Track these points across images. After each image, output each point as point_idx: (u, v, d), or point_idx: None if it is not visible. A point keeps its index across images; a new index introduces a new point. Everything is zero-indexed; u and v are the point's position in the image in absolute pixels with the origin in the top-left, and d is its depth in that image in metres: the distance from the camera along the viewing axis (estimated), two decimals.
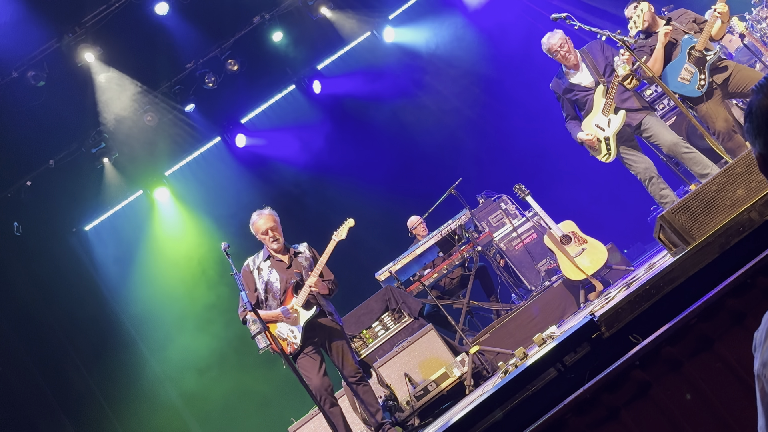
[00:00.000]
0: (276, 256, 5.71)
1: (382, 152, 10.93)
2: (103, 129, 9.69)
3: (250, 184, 10.91)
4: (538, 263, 8.03)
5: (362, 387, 5.54)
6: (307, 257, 5.76)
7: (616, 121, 6.00)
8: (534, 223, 8.20)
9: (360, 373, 5.56)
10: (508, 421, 3.82)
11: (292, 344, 5.42)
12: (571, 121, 6.40)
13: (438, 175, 9.99)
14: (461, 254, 7.64)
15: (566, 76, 6.29)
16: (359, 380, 5.54)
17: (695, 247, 3.72)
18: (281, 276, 5.60)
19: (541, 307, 6.92)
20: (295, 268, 5.64)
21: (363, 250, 10.26)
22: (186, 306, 10.12)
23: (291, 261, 5.70)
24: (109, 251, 10.44)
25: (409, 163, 10.78)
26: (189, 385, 9.99)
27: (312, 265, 5.69)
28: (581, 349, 3.93)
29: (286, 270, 5.64)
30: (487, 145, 10.29)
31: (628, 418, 2.92)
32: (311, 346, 5.50)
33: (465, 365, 6.42)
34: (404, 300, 7.34)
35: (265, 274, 5.63)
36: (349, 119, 11.18)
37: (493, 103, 10.49)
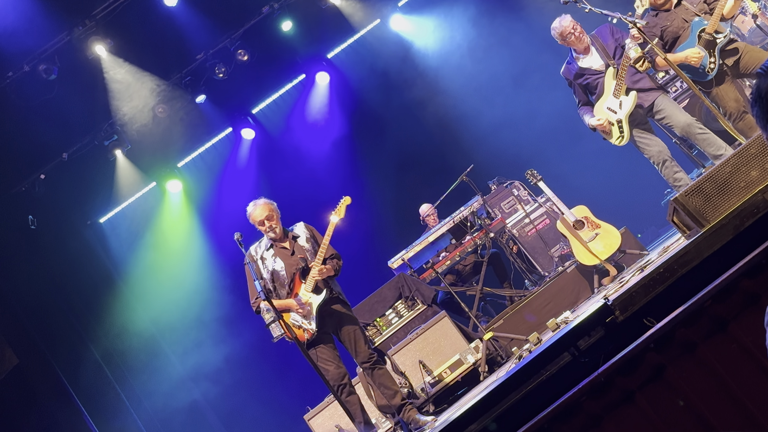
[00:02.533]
0: (278, 244, 5.70)
1: (393, 140, 10.91)
2: (115, 121, 9.74)
3: (262, 174, 10.93)
4: (551, 249, 8.00)
5: (378, 371, 5.55)
6: (307, 237, 5.74)
7: (628, 102, 5.95)
8: (547, 209, 8.17)
9: (374, 356, 5.56)
10: (523, 406, 3.82)
11: (308, 330, 5.43)
12: (583, 106, 6.36)
13: (449, 162, 9.97)
14: (474, 241, 7.62)
15: (576, 60, 6.24)
16: (374, 364, 5.54)
17: (709, 230, 3.70)
18: (286, 264, 5.59)
19: (554, 294, 6.90)
20: (299, 254, 5.62)
21: (375, 238, 10.28)
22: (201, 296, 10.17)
23: (293, 246, 5.68)
24: (124, 243, 10.50)
25: (421, 151, 10.76)
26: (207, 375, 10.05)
27: (314, 245, 5.68)
28: (595, 334, 3.93)
29: (290, 257, 5.62)
30: (498, 131, 10.23)
31: (643, 400, 2.91)
32: (326, 334, 5.51)
33: (479, 352, 6.42)
34: (417, 287, 7.34)
35: (270, 263, 5.63)
36: (359, 107, 11.15)
37: (504, 89, 10.43)
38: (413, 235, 8.35)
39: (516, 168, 8.67)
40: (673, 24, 5.84)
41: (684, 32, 5.80)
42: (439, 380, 6.40)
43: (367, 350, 5.56)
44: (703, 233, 3.71)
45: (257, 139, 11.01)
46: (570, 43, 6.20)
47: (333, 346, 5.55)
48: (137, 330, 10.06)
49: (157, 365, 9.99)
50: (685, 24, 5.79)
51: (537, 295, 6.97)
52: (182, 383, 10.00)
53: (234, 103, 10.78)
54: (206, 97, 10.35)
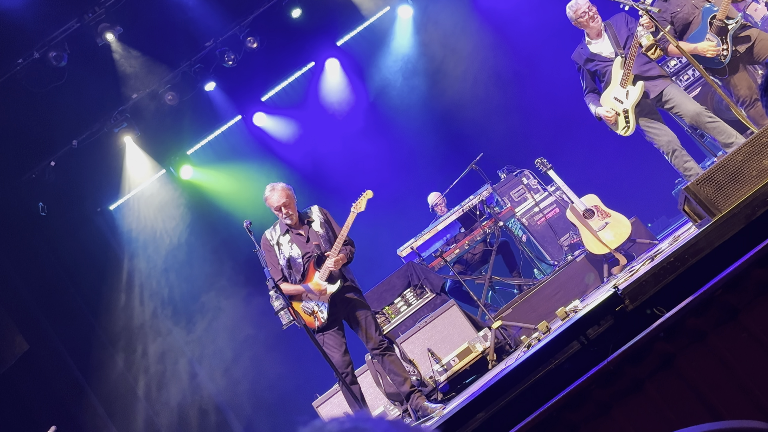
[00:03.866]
0: (293, 230, 5.69)
1: (402, 127, 10.89)
2: (125, 109, 9.76)
3: (271, 162, 10.93)
4: (560, 238, 8.00)
5: (388, 357, 5.57)
6: (322, 222, 5.73)
7: (634, 92, 5.92)
8: (556, 198, 8.16)
9: (384, 342, 5.58)
10: (532, 394, 3.83)
11: (320, 319, 5.46)
12: (590, 93, 6.32)
13: (459, 150, 9.95)
14: (483, 229, 7.62)
15: (588, 45, 6.19)
16: (385, 350, 5.56)
17: (721, 219, 3.68)
18: (302, 251, 5.60)
19: (564, 282, 6.90)
20: (314, 240, 5.62)
21: (384, 226, 10.27)
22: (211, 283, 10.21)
23: (308, 233, 5.67)
24: (134, 229, 10.54)
25: (430, 139, 10.73)
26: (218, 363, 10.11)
27: (328, 231, 5.67)
28: (605, 322, 3.93)
29: (305, 244, 5.62)
30: (508, 120, 10.20)
31: (652, 389, 2.91)
32: (336, 322, 5.53)
33: (488, 340, 6.43)
34: (426, 276, 7.35)
35: (286, 250, 5.63)
36: (368, 95, 11.13)
37: (513, 76, 10.39)
38: (422, 224, 8.36)
39: (526, 156, 8.65)
40: (683, 10, 5.78)
41: (695, 18, 5.75)
42: (448, 368, 6.41)
43: (378, 336, 5.57)
44: (714, 222, 3.69)
45: (266, 126, 11.01)
46: (583, 24, 6.13)
47: (342, 333, 5.57)
48: (147, 318, 10.10)
49: (169, 354, 10.04)
50: (696, 10, 5.74)
51: (546, 284, 6.97)
52: (193, 371, 10.06)
53: (243, 91, 10.77)
54: (216, 85, 10.35)
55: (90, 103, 9.39)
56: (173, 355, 10.05)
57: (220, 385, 10.14)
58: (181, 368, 9.98)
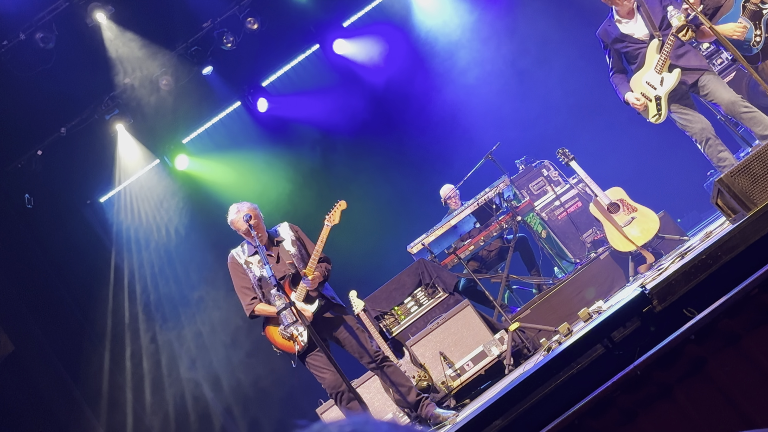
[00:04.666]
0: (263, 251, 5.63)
1: (413, 116, 10.88)
2: (117, 94, 9.78)
3: (272, 151, 10.94)
4: (583, 234, 7.99)
5: (387, 369, 5.55)
6: (293, 240, 5.67)
7: (670, 80, 5.88)
8: (579, 190, 8.15)
9: (379, 354, 5.56)
10: (552, 400, 3.83)
11: (299, 343, 5.43)
12: (618, 74, 6.27)
13: (474, 139, 9.93)
14: (499, 225, 7.62)
15: (617, 24, 6.12)
16: (382, 362, 5.54)
17: (756, 213, 3.67)
18: (274, 269, 5.50)
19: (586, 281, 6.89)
20: (285, 259, 5.58)
21: (394, 221, 10.28)
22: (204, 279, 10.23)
23: (278, 253, 5.63)
24: (125, 223, 10.57)
25: (443, 127, 10.72)
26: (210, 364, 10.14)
27: (301, 249, 5.62)
28: (631, 324, 3.93)
29: (276, 264, 5.58)
30: (526, 107, 10.17)
31: (682, 395, 2.91)
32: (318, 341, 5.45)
33: (504, 343, 6.44)
34: (438, 274, 7.35)
35: (257, 270, 5.57)
36: (377, 81, 11.12)
37: (532, 61, 10.35)
38: (434, 219, 8.35)
39: (546, 146, 8.63)
40: None
41: (726, 2, 5.72)
42: (461, 373, 6.42)
43: (371, 348, 5.55)
44: (750, 217, 3.68)
45: (267, 114, 11.01)
46: (613, 1, 6.08)
47: (328, 352, 5.49)
48: (140, 317, 10.14)
49: (162, 354, 10.08)
50: None
51: (567, 284, 6.97)
52: (189, 375, 10.09)
53: (243, 76, 10.78)
54: (213, 69, 10.35)
55: (79, 88, 9.41)
56: (166, 355, 10.09)
57: (216, 387, 10.18)
58: (174, 369, 10.02)
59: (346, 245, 8.72)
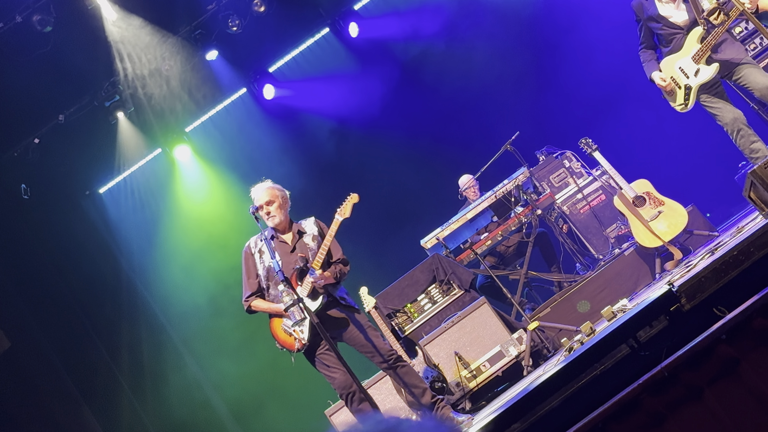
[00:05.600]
0: (279, 237, 5.67)
1: (428, 103, 10.85)
2: (117, 80, 9.79)
3: (279, 140, 10.94)
4: (606, 228, 7.96)
5: (401, 369, 5.54)
6: (314, 235, 5.70)
7: (706, 73, 5.80)
8: (602, 183, 8.12)
9: (393, 354, 5.55)
10: (574, 403, 3.83)
11: (300, 341, 5.43)
12: (647, 50, 6.21)
13: (492, 128, 9.89)
14: (518, 218, 7.61)
15: (656, 2, 6.03)
16: (395, 362, 5.53)
17: None
18: (283, 261, 5.53)
19: (610, 278, 6.87)
20: (300, 251, 5.59)
21: (407, 214, 10.27)
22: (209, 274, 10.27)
23: (295, 242, 5.66)
24: (126, 215, 10.61)
25: (459, 116, 10.68)
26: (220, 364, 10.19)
27: (320, 243, 5.61)
28: (658, 324, 3.93)
29: (288, 254, 5.59)
30: (548, 94, 10.12)
31: (712, 397, 2.90)
32: (323, 341, 5.47)
33: (523, 343, 6.44)
34: (454, 270, 7.36)
35: (267, 258, 5.59)
36: (391, 67, 11.09)
37: (554, 45, 10.29)
38: (450, 211, 8.35)
39: (568, 136, 8.59)
40: None
41: None
42: (477, 374, 6.43)
43: (384, 348, 5.55)
44: None
45: (274, 100, 11.01)
46: None
47: (336, 351, 5.48)
48: (141, 314, 10.19)
49: (165, 354, 10.12)
50: None
51: (590, 281, 6.96)
52: (192, 374, 10.14)
53: (249, 61, 10.78)
54: (218, 54, 10.36)
55: (78, 74, 9.43)
56: (170, 355, 10.13)
57: (222, 388, 10.22)
58: (178, 369, 10.06)
59: (357, 239, 8.70)
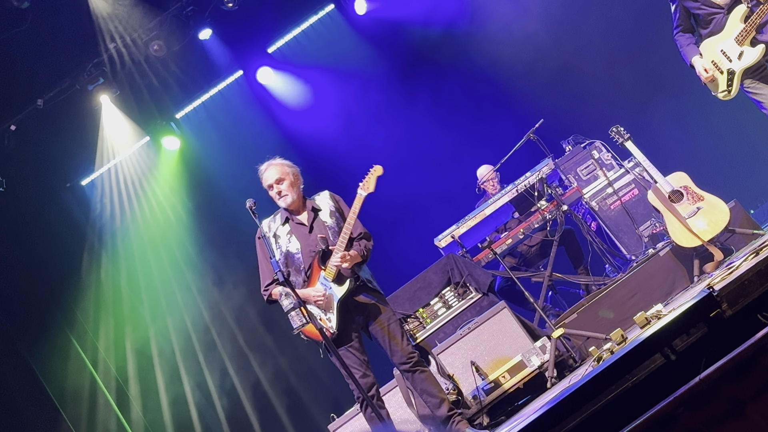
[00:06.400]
0: (294, 218, 5.70)
1: (443, 89, 10.84)
2: (102, 61, 9.81)
3: (278, 128, 10.97)
4: (639, 226, 7.94)
5: (419, 374, 5.55)
6: (332, 211, 5.73)
7: (751, 55, 5.78)
8: (635, 176, 8.09)
9: (414, 355, 5.56)
10: (603, 419, 3.82)
11: (327, 330, 5.45)
12: (684, 34, 6.19)
13: (514, 115, 9.89)
14: (542, 215, 7.59)
15: None
16: (414, 366, 5.54)
17: None
18: (303, 244, 5.58)
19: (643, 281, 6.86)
20: (318, 231, 5.61)
21: (419, 209, 10.28)
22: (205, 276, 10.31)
23: (312, 221, 5.68)
24: (110, 209, 10.63)
25: (478, 102, 10.68)
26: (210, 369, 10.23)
27: (338, 221, 5.66)
28: (696, 331, 3.92)
29: (307, 236, 5.62)
30: (574, 78, 10.10)
31: (756, 413, 2.89)
32: (350, 335, 5.49)
33: (546, 352, 6.43)
34: (471, 271, 7.35)
35: (284, 243, 5.62)
36: (402, 48, 11.08)
37: (580, 25, 10.27)
38: (466, 206, 8.35)
39: (597, 124, 8.57)
40: None
41: None
42: (496, 386, 6.42)
43: (406, 348, 5.56)
44: None
45: (273, 85, 11.02)
46: None
47: (361, 348, 5.53)
48: (124, 314, 10.23)
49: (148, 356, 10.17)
50: None
51: (621, 284, 6.94)
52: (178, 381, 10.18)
53: (246, 40, 10.79)
54: (212, 33, 10.38)
55: (59, 54, 9.46)
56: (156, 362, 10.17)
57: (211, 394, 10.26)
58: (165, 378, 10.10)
59: None
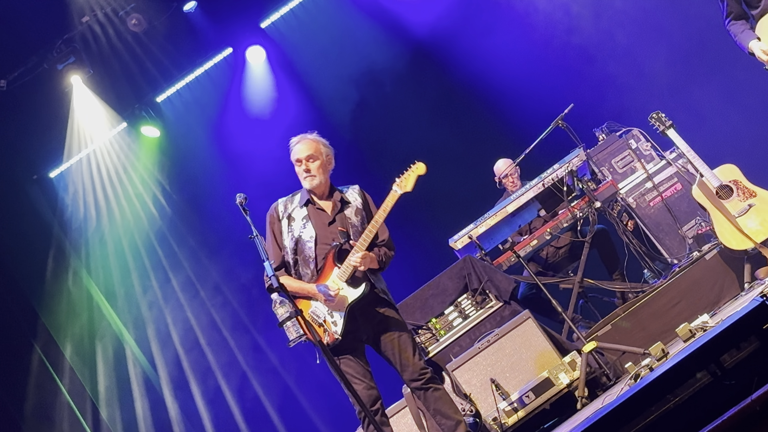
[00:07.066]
0: (316, 203, 5.69)
1: (461, 71, 10.82)
2: (73, 37, 9.82)
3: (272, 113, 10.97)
4: (683, 226, 7.92)
5: (432, 393, 5.55)
6: (358, 208, 5.73)
7: None
8: (678, 169, 8.07)
9: (427, 373, 5.56)
10: None
11: (331, 334, 5.44)
12: (736, 22, 6.21)
13: (539, 100, 9.88)
14: (572, 213, 7.58)
15: None
16: (427, 383, 5.53)
17: None
18: (319, 234, 5.57)
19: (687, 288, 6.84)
20: (340, 225, 5.61)
21: (432, 206, 10.27)
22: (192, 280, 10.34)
23: (335, 213, 5.68)
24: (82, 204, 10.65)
25: (499, 84, 10.66)
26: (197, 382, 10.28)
27: (364, 220, 5.65)
28: (747, 346, 3.92)
29: (327, 226, 5.61)
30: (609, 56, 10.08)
31: None
32: (354, 343, 5.49)
33: (576, 369, 6.42)
34: (490, 277, 7.35)
35: (297, 228, 5.61)
36: (415, 21, 11.07)
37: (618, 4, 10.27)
38: (485, 204, 8.34)
39: (635, 109, 8.57)
40: None
41: None
42: (520, 407, 6.42)
43: (418, 363, 5.56)
44: None
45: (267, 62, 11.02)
46: None
47: (364, 359, 5.54)
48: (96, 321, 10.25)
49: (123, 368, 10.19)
50: None
51: (661, 291, 6.94)
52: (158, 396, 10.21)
53: (236, 14, 10.79)
54: (197, 4, 10.39)
55: (24, 29, 9.47)
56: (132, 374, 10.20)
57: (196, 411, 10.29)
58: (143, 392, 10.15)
59: None
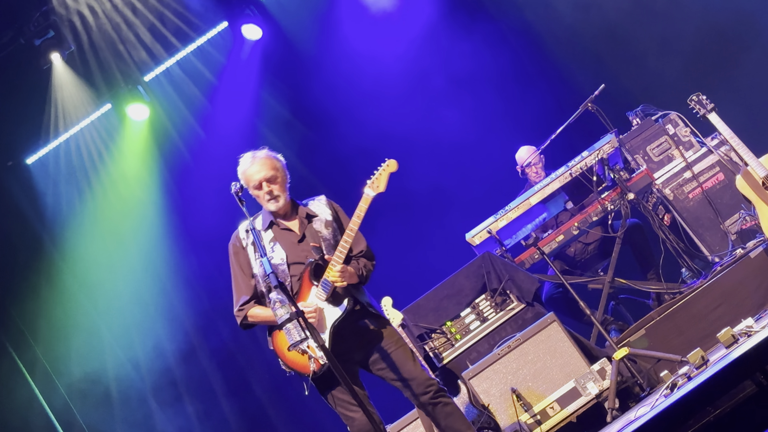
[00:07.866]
0: (281, 223, 5.66)
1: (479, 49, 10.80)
2: (51, 9, 9.82)
3: (270, 94, 10.98)
4: (725, 220, 7.91)
5: (443, 408, 5.51)
6: (328, 220, 5.69)
7: None
8: (720, 157, 8.05)
9: (433, 385, 5.51)
10: None
11: (316, 361, 5.43)
12: None
13: (566, 81, 9.86)
14: (602, 205, 7.57)
15: None
16: (435, 397, 5.49)
17: None
18: (289, 254, 5.54)
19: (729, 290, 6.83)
20: (311, 240, 5.57)
21: (447, 197, 10.27)
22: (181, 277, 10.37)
23: (303, 229, 5.65)
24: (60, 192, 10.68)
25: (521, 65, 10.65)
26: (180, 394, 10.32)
27: (335, 233, 5.64)
28: None
29: (295, 246, 5.58)
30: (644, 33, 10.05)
31: None
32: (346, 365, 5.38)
33: (606, 377, 6.43)
34: (511, 275, 7.36)
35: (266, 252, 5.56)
36: None
37: None
38: (506, 196, 8.33)
39: (672, 92, 8.55)
40: None
41: None
42: (543, 419, 6.42)
43: (422, 375, 5.52)
44: None
45: (265, 41, 11.03)
46: None
47: (359, 384, 5.49)
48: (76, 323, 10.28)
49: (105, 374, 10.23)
50: None
51: (701, 293, 6.94)
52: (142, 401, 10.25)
53: None
54: None
55: None
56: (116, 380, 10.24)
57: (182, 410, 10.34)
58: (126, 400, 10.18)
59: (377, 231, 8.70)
